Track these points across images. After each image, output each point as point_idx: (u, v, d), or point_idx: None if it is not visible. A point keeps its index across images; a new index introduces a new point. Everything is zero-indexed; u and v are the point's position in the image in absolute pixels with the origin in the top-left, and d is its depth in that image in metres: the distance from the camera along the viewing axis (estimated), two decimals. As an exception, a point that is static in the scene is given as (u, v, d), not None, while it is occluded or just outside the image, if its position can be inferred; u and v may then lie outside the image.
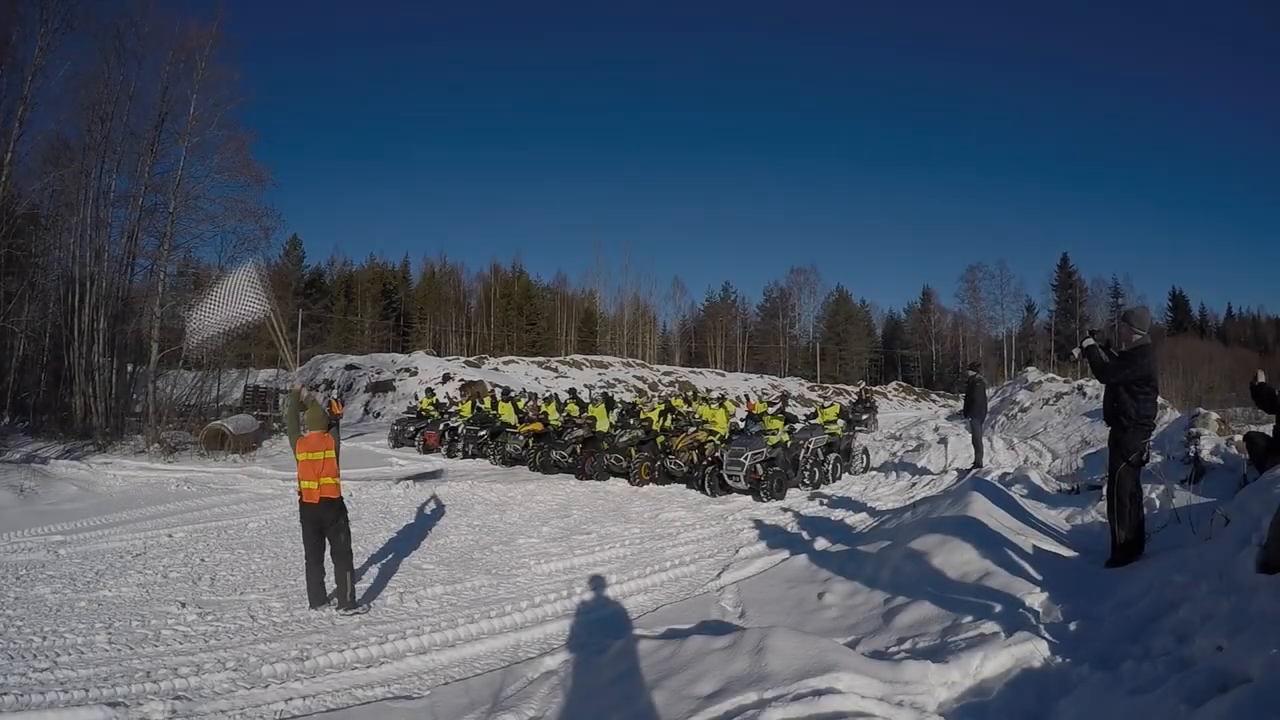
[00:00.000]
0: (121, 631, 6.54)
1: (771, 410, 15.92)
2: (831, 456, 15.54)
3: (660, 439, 15.77)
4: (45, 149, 21.03)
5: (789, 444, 14.49)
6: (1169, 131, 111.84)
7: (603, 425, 16.89)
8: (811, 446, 15.03)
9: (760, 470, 13.49)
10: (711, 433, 15.30)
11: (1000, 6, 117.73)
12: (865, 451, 17.30)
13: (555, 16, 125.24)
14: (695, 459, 14.82)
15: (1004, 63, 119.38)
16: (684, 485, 14.85)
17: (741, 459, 13.53)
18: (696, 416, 16.88)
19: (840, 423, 16.76)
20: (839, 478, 15.50)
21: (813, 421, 16.60)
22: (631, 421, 17.25)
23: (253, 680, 5.51)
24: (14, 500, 12.73)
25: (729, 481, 13.75)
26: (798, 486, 14.35)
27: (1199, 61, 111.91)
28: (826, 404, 18.37)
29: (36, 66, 19.35)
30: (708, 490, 14.04)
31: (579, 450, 16.47)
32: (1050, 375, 27.35)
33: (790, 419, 15.61)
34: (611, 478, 15.83)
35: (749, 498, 13.44)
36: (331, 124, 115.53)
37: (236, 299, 7.93)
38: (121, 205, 21.96)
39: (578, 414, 18.57)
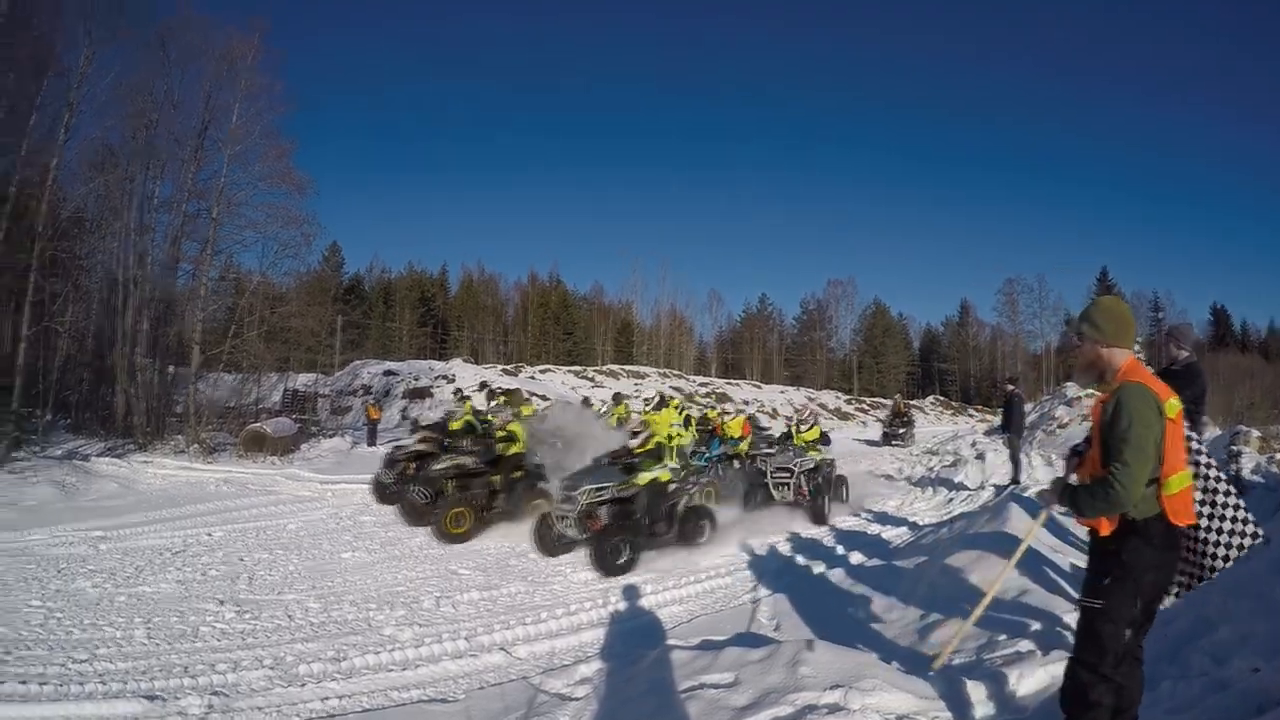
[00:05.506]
0: (160, 627, 6.64)
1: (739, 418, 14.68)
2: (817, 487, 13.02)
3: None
4: (91, 155, 21.39)
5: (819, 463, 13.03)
6: (1211, 144, 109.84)
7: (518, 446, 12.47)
8: (796, 472, 12.84)
9: (805, 484, 12.45)
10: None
11: (1042, 19, 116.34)
12: (845, 484, 14.31)
13: (594, 29, 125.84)
14: None
15: (1044, 75, 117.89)
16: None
17: (791, 466, 12.59)
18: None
19: (823, 448, 14.13)
20: (831, 513, 12.69)
21: (790, 443, 13.98)
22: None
23: (289, 679, 5.55)
24: (56, 495, 13.00)
25: (775, 495, 12.60)
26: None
27: (1242, 74, 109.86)
28: (805, 424, 14.61)
29: (82, 74, 19.69)
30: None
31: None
32: (1090, 391, 26.86)
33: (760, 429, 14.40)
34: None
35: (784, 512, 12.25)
36: (371, 134, 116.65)
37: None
38: (165, 211, 22.34)
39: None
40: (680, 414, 14.86)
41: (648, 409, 15.31)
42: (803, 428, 14.38)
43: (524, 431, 12.65)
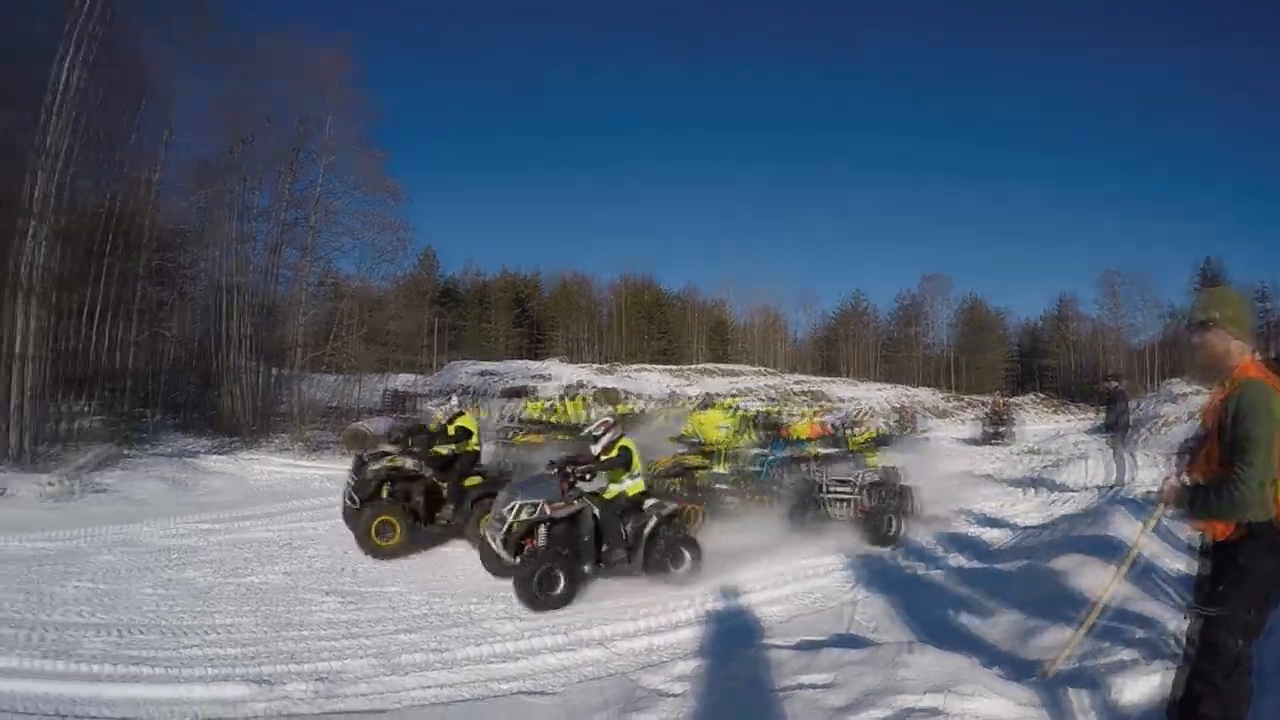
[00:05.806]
0: (268, 615, 6.90)
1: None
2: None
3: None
4: (191, 169, 22.40)
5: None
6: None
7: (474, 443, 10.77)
8: (857, 485, 10.75)
9: (867, 500, 10.42)
10: (705, 454, 11.61)
11: (1145, 11, 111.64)
12: (913, 497, 11.23)
13: (681, 31, 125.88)
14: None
15: (1139, 63, 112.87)
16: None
17: (850, 478, 10.60)
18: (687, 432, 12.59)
19: (880, 454, 12.05)
20: (901, 534, 10.40)
21: (845, 448, 12.12)
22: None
23: (393, 668, 5.70)
24: (166, 490, 13.65)
25: (830, 512, 10.51)
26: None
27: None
28: (858, 427, 12.93)
29: (179, 93, 20.71)
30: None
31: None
32: (1197, 388, 25.59)
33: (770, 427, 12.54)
34: None
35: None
36: (466, 140, 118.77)
37: None
38: (264, 220, 23.36)
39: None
40: (733, 415, 13.76)
41: (692, 408, 14.51)
42: (856, 429, 12.82)
43: (478, 427, 11.07)
